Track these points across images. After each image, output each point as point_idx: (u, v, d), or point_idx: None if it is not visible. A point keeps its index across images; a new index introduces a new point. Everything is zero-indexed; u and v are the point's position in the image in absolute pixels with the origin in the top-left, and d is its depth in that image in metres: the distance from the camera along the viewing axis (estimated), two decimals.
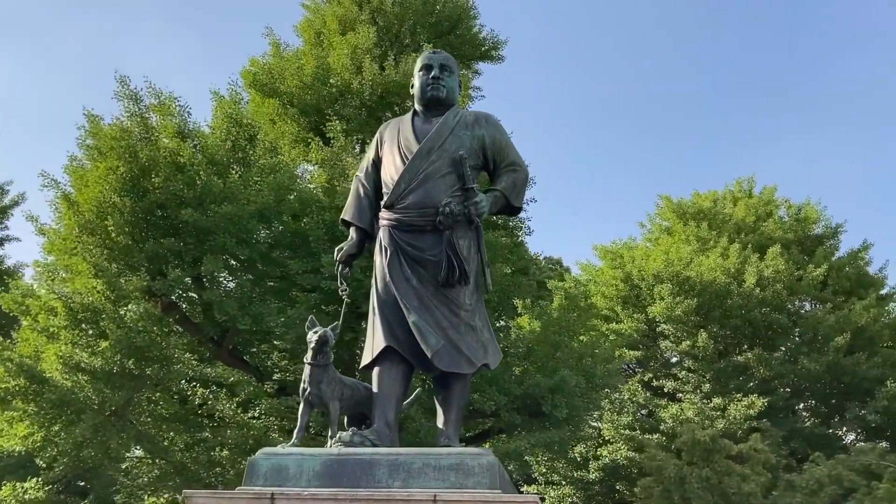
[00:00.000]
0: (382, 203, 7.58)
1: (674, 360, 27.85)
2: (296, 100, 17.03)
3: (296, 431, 7.26)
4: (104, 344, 11.68)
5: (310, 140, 15.46)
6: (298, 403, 13.16)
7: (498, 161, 7.72)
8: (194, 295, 13.66)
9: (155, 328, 11.96)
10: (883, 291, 30.94)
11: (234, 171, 13.06)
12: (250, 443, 11.97)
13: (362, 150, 15.82)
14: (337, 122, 14.80)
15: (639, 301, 28.27)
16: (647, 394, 26.53)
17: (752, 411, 23.31)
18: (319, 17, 20.87)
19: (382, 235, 7.52)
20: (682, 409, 24.28)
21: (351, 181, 13.90)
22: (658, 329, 27.68)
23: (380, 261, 7.49)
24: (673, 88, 68.18)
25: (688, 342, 26.35)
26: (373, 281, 7.61)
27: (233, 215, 12.37)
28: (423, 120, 7.80)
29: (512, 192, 7.67)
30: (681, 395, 26.06)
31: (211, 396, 12.25)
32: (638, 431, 25.23)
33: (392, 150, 7.71)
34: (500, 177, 7.67)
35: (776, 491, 14.16)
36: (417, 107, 7.93)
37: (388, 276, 7.35)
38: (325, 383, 7.37)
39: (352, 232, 7.85)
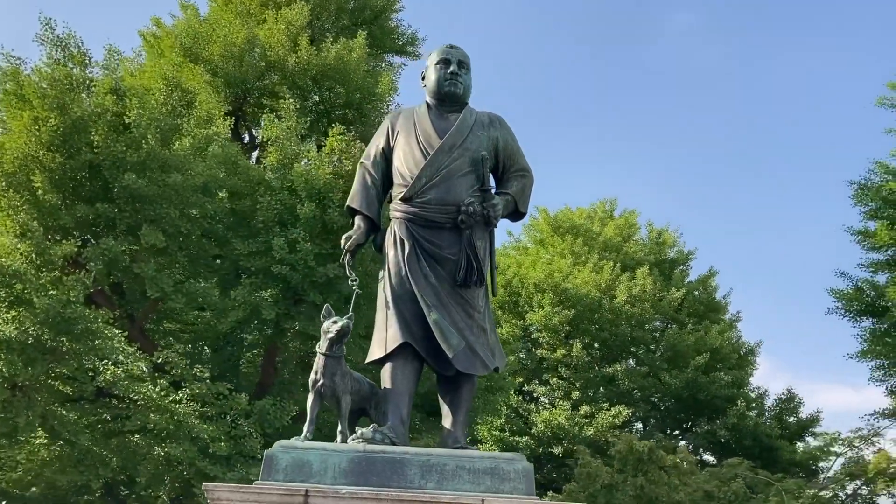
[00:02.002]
0: (399, 195, 7.40)
1: (543, 366, 28.91)
2: (219, 69, 16.17)
3: (306, 425, 6.98)
4: (13, 312, 10.50)
5: (249, 114, 14.73)
6: (231, 390, 12.58)
7: (508, 165, 7.75)
8: (97, 265, 12.59)
9: (82, 299, 10.90)
10: (726, 316, 33.61)
11: (184, 138, 12.16)
12: (170, 428, 11.21)
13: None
14: (290, 100, 14.21)
15: (517, 307, 29.15)
16: (519, 398, 27.42)
17: (617, 420, 24.76)
18: None
19: (398, 228, 7.35)
20: (553, 415, 25.41)
21: (302, 163, 13.50)
22: (533, 336, 28.67)
23: (394, 254, 7.31)
24: (550, 100, 70.76)
25: (562, 351, 27.51)
26: (384, 274, 7.41)
27: (179, 185, 11.52)
28: (437, 115, 7.69)
29: (521, 197, 7.72)
30: (549, 401, 27.22)
31: (123, 375, 11.35)
32: (508, 433, 26.09)
33: (409, 141, 7.54)
34: (509, 181, 7.70)
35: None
36: (430, 100, 7.80)
37: (404, 270, 7.20)
38: (339, 376, 7.16)
39: (358, 220, 7.60)
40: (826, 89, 65.33)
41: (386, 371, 7.18)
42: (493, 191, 7.40)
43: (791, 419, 29.56)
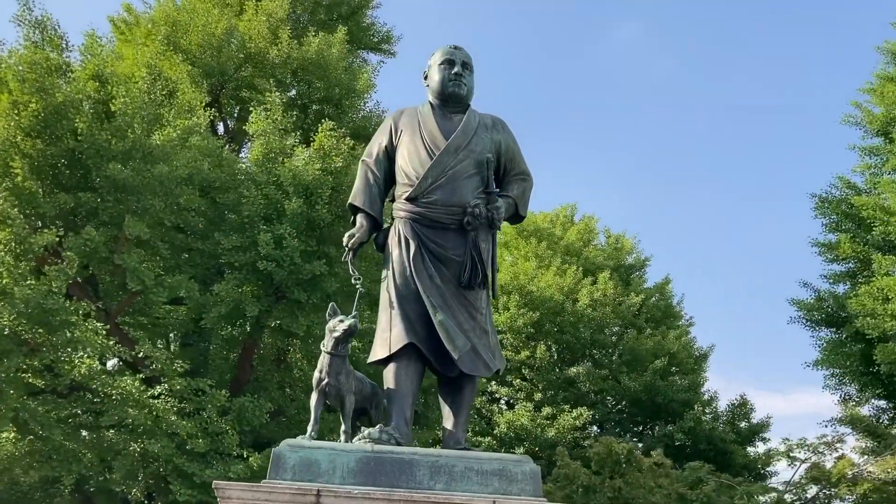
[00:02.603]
0: (403, 195, 7.42)
1: (507, 367, 29.14)
2: (197, 59, 15.89)
3: (311, 424, 6.97)
4: None
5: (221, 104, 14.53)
6: (211, 386, 12.39)
7: (509, 168, 7.83)
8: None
9: (64, 290, 10.56)
10: (680, 322, 34.31)
11: (167, 128, 11.89)
12: (148, 424, 10.96)
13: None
14: (277, 93, 14.05)
15: None
16: (482, 398, 27.57)
17: (578, 422, 25.08)
18: None
19: (402, 228, 7.36)
20: (515, 416, 25.63)
21: (288, 158, 13.33)
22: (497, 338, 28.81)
23: (398, 253, 7.32)
24: (514, 104, 71.12)
25: (526, 352, 27.73)
26: (388, 273, 7.43)
27: (165, 177, 11.26)
28: (441, 115, 7.71)
29: (521, 200, 7.82)
30: (512, 402, 27.46)
31: (99, 369, 11.04)
32: (470, 433, 26.20)
33: (414, 141, 7.55)
34: (510, 184, 7.78)
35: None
36: (433, 100, 7.83)
37: (409, 269, 7.21)
38: (344, 375, 7.18)
39: (361, 219, 7.60)
40: (784, 100, 67.00)
41: (390, 371, 7.19)
42: (496, 194, 7.50)
43: (742, 424, 30.36)
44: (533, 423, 24.92)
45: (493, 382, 28.64)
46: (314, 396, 7.00)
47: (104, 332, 11.02)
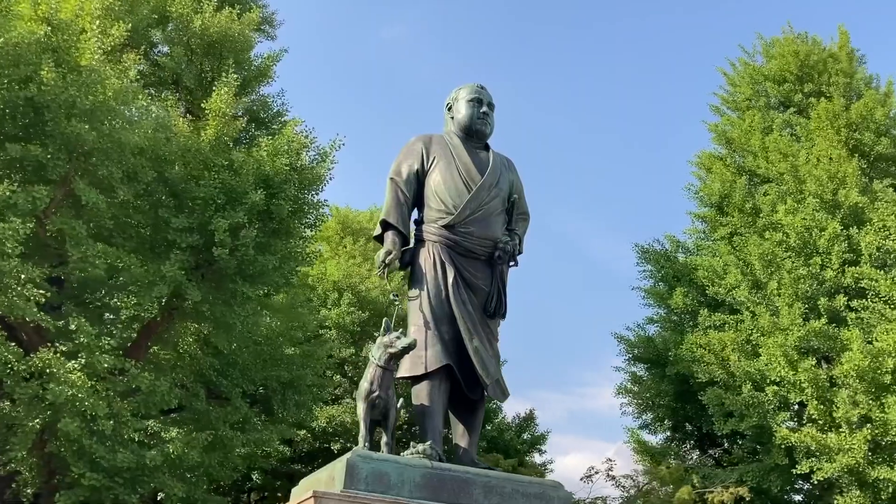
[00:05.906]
0: (439, 221, 8.05)
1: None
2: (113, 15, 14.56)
3: (363, 435, 7.42)
4: None
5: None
6: (140, 367, 11.62)
7: (515, 207, 8.72)
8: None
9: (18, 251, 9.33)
10: None
11: (103, 88, 10.87)
12: (63, 400, 9.97)
13: (182, 93, 14.43)
14: (234, 74, 13.36)
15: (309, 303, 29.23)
16: None
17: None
18: None
19: (438, 251, 8.01)
20: (336, 412, 25.93)
21: (260, 149, 12.64)
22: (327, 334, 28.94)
23: (433, 274, 7.96)
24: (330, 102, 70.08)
25: (350, 350, 28.14)
26: (421, 293, 8.03)
27: (133, 144, 10.34)
28: (469, 149, 8.43)
29: (523, 237, 8.80)
30: (333, 398, 27.71)
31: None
32: (284, 425, 26.11)
33: (450, 170, 8.22)
34: (515, 222, 8.69)
35: None
36: (458, 133, 8.57)
37: (445, 293, 7.88)
38: (392, 389, 7.63)
39: (393, 236, 8.18)
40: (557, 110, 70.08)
41: (423, 389, 7.72)
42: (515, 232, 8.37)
43: (526, 436, 33.20)
44: (353, 419, 25.37)
45: None
46: (362, 407, 7.34)
47: (43, 301, 9.99)
